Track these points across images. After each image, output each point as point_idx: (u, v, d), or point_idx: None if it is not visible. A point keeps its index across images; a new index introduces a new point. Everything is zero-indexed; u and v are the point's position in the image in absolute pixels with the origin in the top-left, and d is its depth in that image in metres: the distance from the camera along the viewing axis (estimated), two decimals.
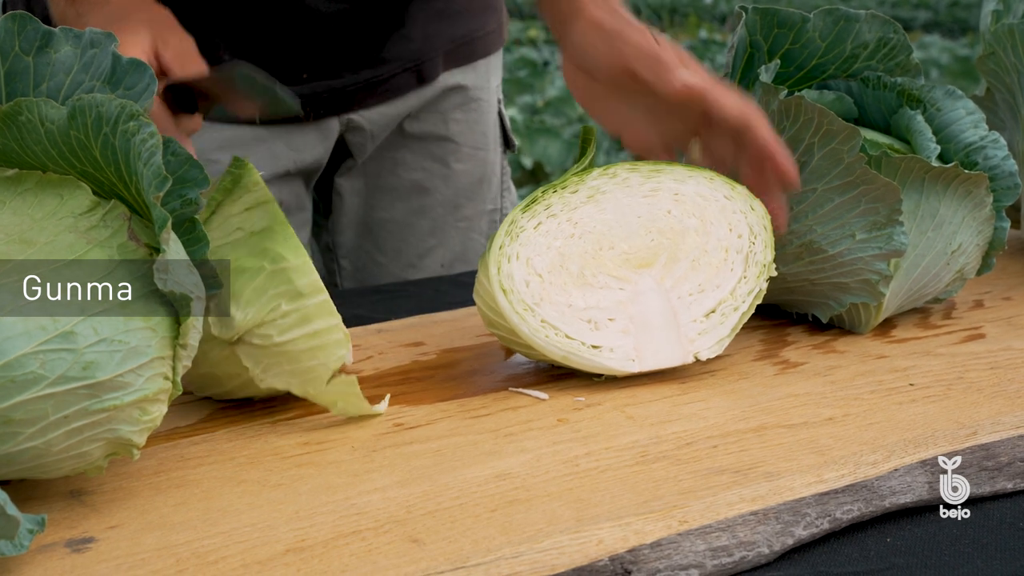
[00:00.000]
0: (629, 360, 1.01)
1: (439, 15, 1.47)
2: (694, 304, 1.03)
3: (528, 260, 1.01)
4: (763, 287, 1.05)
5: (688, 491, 0.84)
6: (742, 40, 1.20)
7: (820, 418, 0.96)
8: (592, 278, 1.02)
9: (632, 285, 1.02)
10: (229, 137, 1.39)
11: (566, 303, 1.01)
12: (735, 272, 1.05)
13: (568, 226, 1.03)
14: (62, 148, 0.84)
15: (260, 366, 0.94)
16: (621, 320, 1.01)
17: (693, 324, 1.03)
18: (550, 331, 1.00)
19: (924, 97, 1.19)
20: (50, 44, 0.87)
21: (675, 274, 1.03)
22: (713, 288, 1.04)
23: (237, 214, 0.96)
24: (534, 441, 0.92)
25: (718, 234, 1.05)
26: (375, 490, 0.84)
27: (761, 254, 1.06)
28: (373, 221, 1.55)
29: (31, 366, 0.74)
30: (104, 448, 0.79)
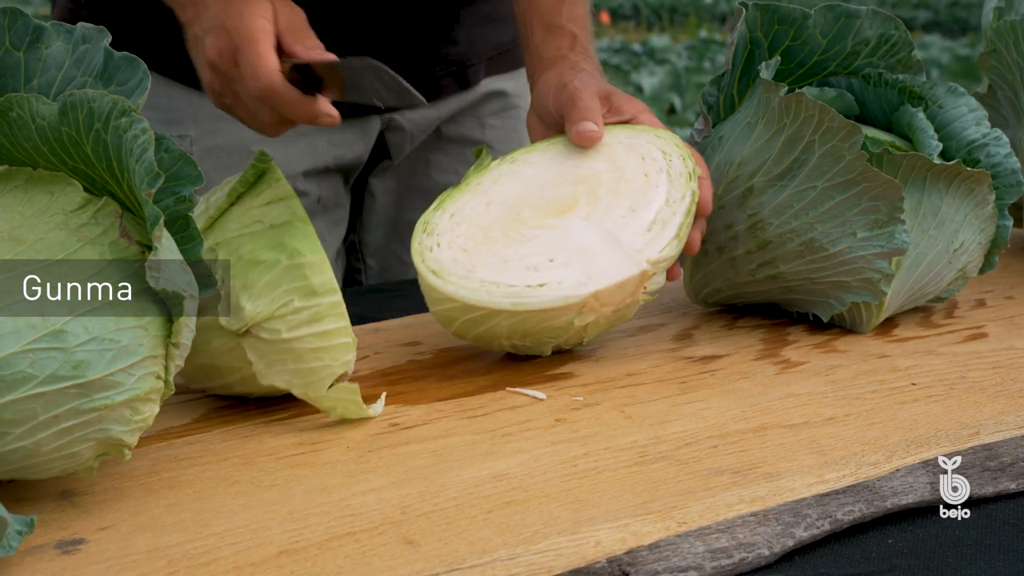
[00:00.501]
0: (580, 284, 1.00)
1: (485, 20, 1.48)
2: (630, 223, 1.04)
3: (450, 243, 1.02)
4: (695, 189, 1.05)
5: (687, 492, 0.83)
6: (742, 37, 1.18)
7: (821, 418, 0.95)
8: (518, 234, 1.03)
9: (560, 228, 1.03)
10: None
11: (500, 260, 1.01)
12: (661, 188, 1.06)
13: (481, 207, 1.05)
14: (53, 144, 0.83)
15: (264, 361, 0.93)
16: (560, 256, 1.02)
17: (636, 238, 1.03)
18: (491, 287, 1.00)
19: (926, 94, 1.18)
20: (41, 39, 0.86)
21: (600, 207, 1.05)
22: (645, 206, 1.04)
23: (258, 207, 0.95)
24: (532, 441, 0.91)
25: (631, 166, 1.07)
26: (370, 491, 0.83)
27: (681, 165, 1.07)
28: (402, 222, 1.55)
29: (20, 365, 0.73)
30: (95, 448, 0.78)
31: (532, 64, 1.21)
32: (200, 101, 1.38)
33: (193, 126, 1.40)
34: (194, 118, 1.39)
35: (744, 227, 1.13)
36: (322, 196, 1.45)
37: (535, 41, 1.21)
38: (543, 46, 1.20)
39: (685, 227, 1.04)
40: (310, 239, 0.93)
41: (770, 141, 1.11)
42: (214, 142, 1.39)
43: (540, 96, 1.17)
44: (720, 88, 1.20)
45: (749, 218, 1.13)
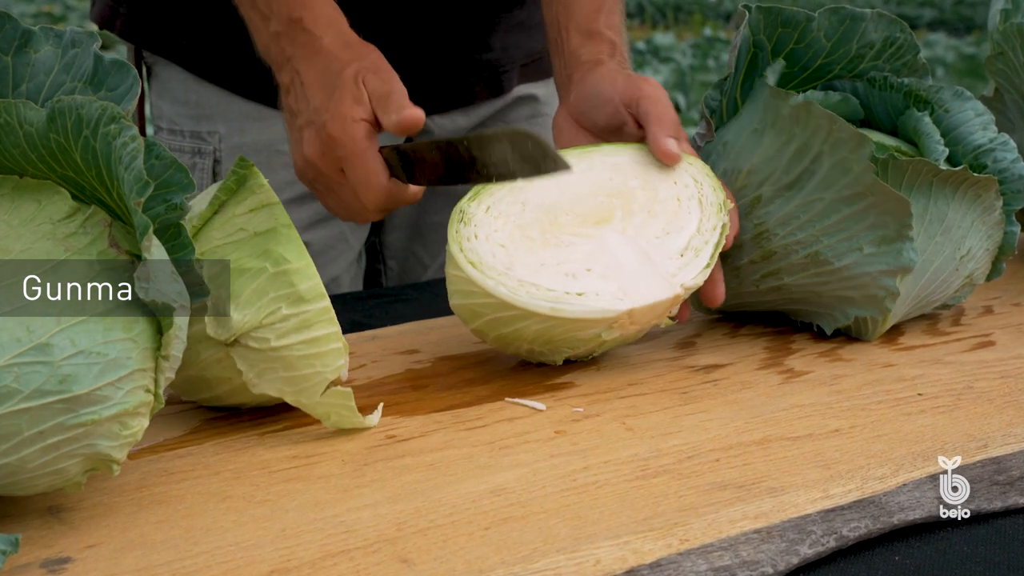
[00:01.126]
0: (618, 299, 0.99)
1: (519, 27, 1.47)
2: (663, 245, 1.02)
3: (488, 236, 1.00)
4: (725, 220, 1.05)
5: (689, 507, 0.81)
6: (745, 40, 1.16)
7: (826, 430, 0.93)
8: (555, 239, 1.01)
9: (597, 239, 1.02)
10: None
11: (538, 263, 1.00)
12: (694, 215, 1.04)
13: (517, 206, 1.03)
14: (41, 151, 0.81)
15: (254, 370, 0.91)
16: (598, 268, 1.00)
17: (669, 261, 1.02)
18: (531, 287, 0.98)
19: (932, 98, 1.16)
20: (30, 43, 0.84)
21: (635, 223, 1.03)
22: (677, 231, 1.03)
23: (241, 215, 0.93)
24: (531, 454, 0.89)
25: (664, 188, 1.05)
26: (365, 507, 0.81)
27: (712, 195, 1.06)
28: (424, 224, 1.54)
29: (4, 380, 0.71)
30: (82, 464, 0.76)
31: (567, 66, 1.19)
32: (229, 98, 1.38)
33: (222, 123, 1.39)
34: (224, 115, 1.39)
35: (750, 236, 1.11)
36: None
37: (571, 45, 1.19)
38: (581, 50, 1.18)
39: (714, 258, 1.03)
40: (295, 245, 0.91)
41: (780, 151, 1.09)
42: (242, 140, 1.39)
43: (587, 93, 1.14)
44: (723, 92, 1.18)
45: (755, 227, 1.11)
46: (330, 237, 1.44)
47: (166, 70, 1.41)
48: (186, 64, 1.39)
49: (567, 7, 1.21)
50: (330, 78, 1.10)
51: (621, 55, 1.18)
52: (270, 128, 1.38)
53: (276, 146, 1.38)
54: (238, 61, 1.37)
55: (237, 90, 1.38)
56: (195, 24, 1.37)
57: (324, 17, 1.13)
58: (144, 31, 1.39)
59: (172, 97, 1.41)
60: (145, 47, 1.41)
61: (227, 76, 1.38)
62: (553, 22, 1.22)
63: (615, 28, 1.19)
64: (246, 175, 0.95)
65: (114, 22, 1.41)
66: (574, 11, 1.20)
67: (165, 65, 1.41)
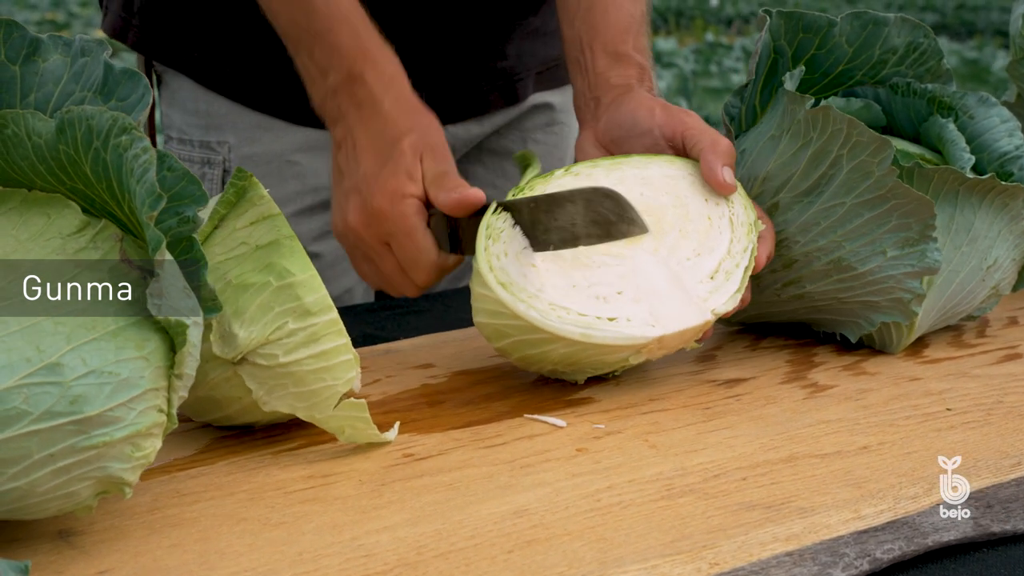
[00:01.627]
0: (649, 326, 0.96)
1: (535, 34, 1.44)
2: (694, 267, 1.00)
3: (518, 255, 0.97)
4: (755, 242, 1.02)
5: (718, 529, 0.79)
6: (766, 45, 1.14)
7: (854, 447, 0.91)
8: (587, 259, 0.99)
9: (628, 260, 0.99)
10: (310, 140, 1.37)
11: (569, 284, 0.97)
12: (724, 235, 1.02)
13: None
14: (50, 163, 0.79)
15: (264, 388, 0.89)
16: (629, 291, 0.97)
17: (700, 285, 0.99)
18: (561, 312, 0.95)
19: (956, 104, 1.14)
20: (38, 52, 0.82)
21: (666, 244, 1.01)
22: (708, 252, 1.01)
23: (242, 228, 0.91)
24: (552, 473, 0.87)
25: (695, 205, 1.03)
26: (384, 529, 0.79)
27: (743, 215, 1.03)
28: None
29: (14, 401, 0.69)
30: (94, 487, 0.74)
31: (595, 88, 1.15)
32: (240, 109, 1.37)
33: (233, 133, 1.37)
34: (234, 126, 1.37)
35: None
36: None
37: (598, 67, 1.15)
38: (609, 72, 1.15)
39: (745, 282, 1.01)
40: (299, 257, 0.89)
41: (796, 156, 1.07)
42: (253, 150, 1.37)
43: (621, 121, 1.11)
44: (743, 99, 1.16)
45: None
46: (340, 249, 1.41)
47: (176, 79, 1.39)
48: (197, 76, 1.37)
49: (592, 26, 1.17)
50: (384, 145, 1.07)
51: (649, 80, 1.15)
52: (281, 138, 1.36)
53: (287, 156, 1.36)
54: (249, 74, 1.36)
55: (248, 102, 1.36)
56: (207, 37, 1.36)
57: (387, 75, 1.11)
58: (156, 43, 1.38)
59: (182, 107, 1.39)
60: (157, 59, 1.39)
61: (238, 88, 1.37)
62: (575, 40, 1.19)
63: (643, 51, 1.17)
64: (245, 187, 0.92)
65: (126, 34, 1.39)
66: (601, 31, 1.16)
67: (175, 75, 1.39)
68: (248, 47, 1.35)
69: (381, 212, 1.05)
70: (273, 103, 1.36)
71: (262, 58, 1.34)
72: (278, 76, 1.34)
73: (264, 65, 1.34)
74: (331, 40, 1.11)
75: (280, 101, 1.36)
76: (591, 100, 1.16)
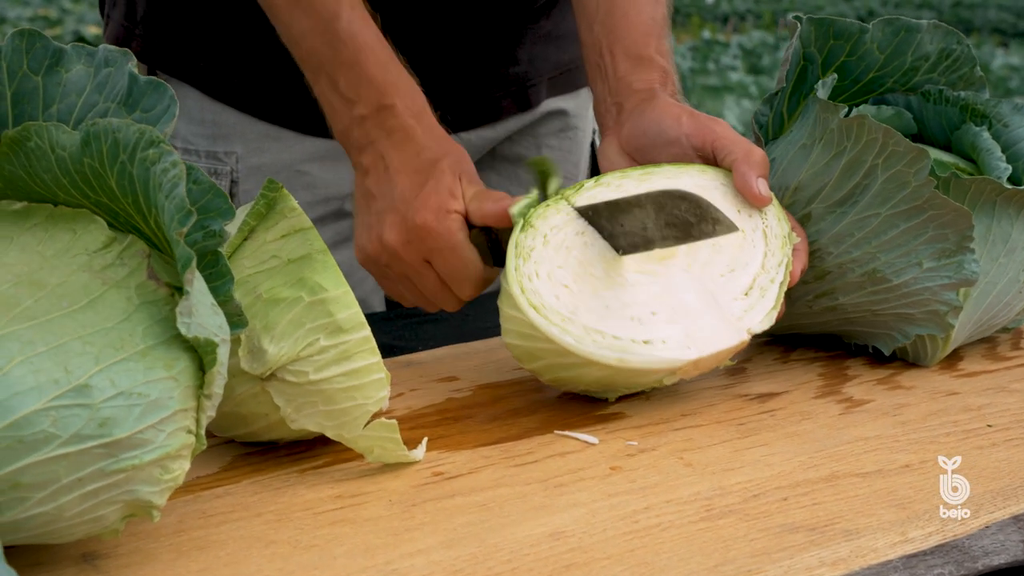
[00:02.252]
0: (685, 348, 0.94)
1: (547, 38, 1.41)
2: (729, 284, 0.98)
3: (550, 274, 0.95)
4: (789, 255, 1.00)
5: (762, 552, 0.77)
6: (796, 52, 1.12)
7: (895, 465, 0.89)
8: (620, 277, 0.96)
9: (663, 277, 0.96)
10: (319, 149, 1.35)
11: (603, 305, 0.94)
12: (758, 248, 1.00)
13: (577, 237, 0.97)
14: (74, 177, 0.77)
15: (292, 405, 0.87)
16: (664, 311, 0.95)
17: (735, 303, 0.97)
18: (596, 336, 0.92)
19: (990, 112, 1.11)
20: (61, 62, 0.80)
21: (700, 259, 0.98)
22: (743, 267, 0.99)
23: (273, 241, 0.89)
24: (587, 493, 0.85)
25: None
26: (418, 552, 0.77)
27: (777, 227, 1.01)
28: None
29: (42, 424, 0.67)
30: (121, 511, 0.72)
31: (616, 93, 1.13)
32: (248, 119, 1.34)
33: (240, 143, 1.34)
34: (242, 135, 1.34)
35: None
36: None
37: (620, 71, 1.13)
38: (631, 77, 1.12)
39: (780, 299, 0.98)
40: (331, 272, 0.87)
41: (829, 165, 1.05)
42: (260, 160, 1.34)
43: (646, 129, 1.08)
44: (772, 107, 1.14)
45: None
46: (355, 258, 1.39)
47: (181, 89, 1.36)
48: (202, 86, 1.34)
49: (612, 30, 1.14)
50: (422, 167, 1.06)
51: (673, 84, 1.12)
52: (289, 148, 1.34)
53: (295, 166, 1.34)
54: (256, 84, 1.33)
55: (255, 112, 1.34)
56: (212, 46, 1.33)
57: (416, 107, 1.10)
58: (160, 53, 1.35)
59: (187, 116, 1.36)
60: (161, 69, 1.36)
61: (244, 98, 1.34)
62: (595, 45, 1.16)
63: (665, 54, 1.14)
64: (275, 199, 0.90)
65: (129, 43, 1.36)
66: (621, 35, 1.14)
67: (180, 84, 1.36)
68: (254, 57, 1.32)
69: (425, 228, 1.04)
70: (281, 113, 1.34)
71: (269, 68, 1.31)
72: (285, 86, 1.32)
73: (271, 75, 1.32)
74: (358, 72, 1.09)
75: (288, 111, 1.33)
76: (612, 106, 1.14)
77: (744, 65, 10.99)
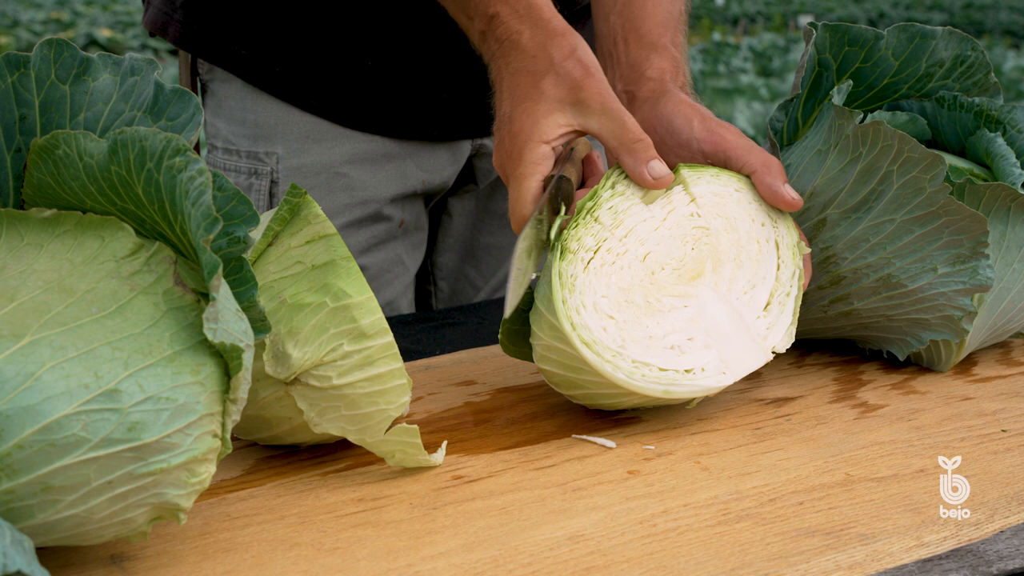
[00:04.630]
0: (720, 374, 0.95)
1: None
2: (752, 301, 0.99)
3: (595, 305, 0.94)
4: (800, 266, 1.01)
5: (778, 556, 0.78)
6: (811, 59, 1.13)
7: (910, 470, 0.90)
8: (657, 303, 0.96)
9: (694, 299, 0.97)
10: (359, 151, 1.35)
11: (646, 336, 0.95)
12: (771, 259, 1.01)
13: (612, 256, 0.97)
14: (102, 184, 0.78)
15: (316, 409, 0.88)
16: (699, 337, 0.96)
17: (758, 321, 0.98)
18: (644, 369, 0.93)
19: (1004, 118, 1.12)
20: (88, 71, 0.81)
21: (725, 276, 0.99)
22: (761, 281, 1.00)
23: (297, 247, 0.90)
24: (605, 497, 0.86)
25: (745, 227, 1.01)
26: (439, 555, 0.78)
27: (788, 236, 1.02)
28: (477, 245, 1.50)
29: (73, 428, 0.68)
30: (149, 513, 0.73)
31: (626, 78, 1.12)
32: (289, 118, 1.34)
33: (281, 144, 1.35)
34: (283, 136, 1.35)
35: (815, 261, 1.07)
36: (404, 220, 1.41)
37: (632, 56, 1.13)
38: (643, 63, 1.11)
39: (797, 312, 1.00)
40: (355, 278, 0.88)
41: (844, 171, 1.05)
42: (301, 161, 1.35)
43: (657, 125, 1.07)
44: (787, 113, 1.15)
45: (821, 252, 1.07)
46: (387, 260, 1.40)
47: (223, 87, 1.36)
48: (244, 74, 1.34)
49: (629, 19, 1.15)
50: (523, 86, 1.03)
51: (683, 75, 1.13)
52: (330, 149, 1.34)
53: (335, 168, 1.34)
54: (298, 71, 1.33)
55: (297, 102, 1.34)
56: (254, 32, 1.32)
57: (522, 6, 1.06)
58: (200, 39, 1.35)
59: (229, 116, 1.36)
60: (201, 55, 1.36)
61: (287, 87, 1.34)
62: (610, 35, 1.16)
63: (679, 46, 1.14)
64: (299, 204, 0.91)
65: (168, 29, 1.35)
66: (637, 23, 1.14)
67: (222, 82, 1.36)
68: (296, 42, 1.32)
69: (512, 149, 1.01)
70: (323, 102, 1.33)
71: (310, 54, 1.31)
72: (327, 72, 1.31)
73: (313, 61, 1.32)
74: None
75: (330, 100, 1.33)
76: (623, 93, 1.13)
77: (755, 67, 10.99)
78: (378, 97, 1.34)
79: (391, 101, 1.35)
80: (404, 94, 1.35)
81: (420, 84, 1.34)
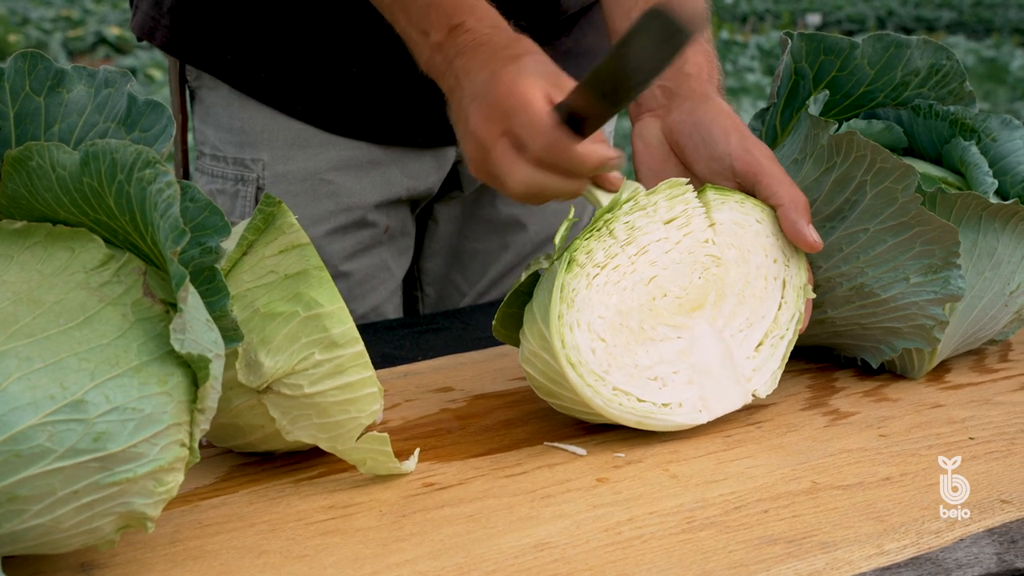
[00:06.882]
0: (697, 412, 0.97)
1: (567, 55, 1.39)
2: (745, 340, 1.00)
3: (589, 325, 0.94)
4: (801, 310, 1.01)
5: (740, 564, 0.79)
6: (787, 68, 1.14)
7: (876, 478, 0.91)
8: (651, 331, 0.97)
9: (688, 331, 0.98)
10: (345, 157, 1.36)
11: (632, 364, 0.95)
12: (774, 299, 1.01)
13: (618, 275, 0.96)
14: (74, 195, 0.79)
15: (288, 417, 0.89)
16: (684, 371, 0.97)
17: (747, 361, 0.99)
18: (623, 398, 0.95)
19: (979, 127, 1.13)
20: (62, 83, 0.82)
21: (724, 312, 0.99)
22: (759, 320, 1.00)
23: (271, 256, 0.91)
24: (573, 504, 0.87)
25: (756, 262, 1.01)
26: (405, 563, 0.79)
27: (796, 277, 1.02)
28: (464, 250, 1.51)
29: (38, 439, 0.69)
30: (116, 522, 0.74)
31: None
32: (275, 124, 1.36)
33: (267, 150, 1.36)
34: (269, 143, 1.36)
35: None
36: (390, 226, 1.41)
37: None
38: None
39: (785, 359, 1.01)
40: (327, 288, 0.89)
41: (819, 180, 1.06)
42: (286, 168, 1.36)
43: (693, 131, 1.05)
44: (764, 122, 1.16)
45: None
46: (372, 266, 1.41)
47: (210, 93, 1.37)
48: (230, 80, 1.35)
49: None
50: (498, 60, 1.01)
51: (717, 72, 1.11)
52: (315, 156, 1.35)
53: (321, 175, 1.35)
54: (284, 76, 1.34)
55: (283, 108, 1.35)
56: (240, 37, 1.33)
57: (487, 18, 1.06)
58: (186, 44, 1.36)
59: (216, 122, 1.37)
60: (187, 60, 1.37)
61: (273, 92, 1.35)
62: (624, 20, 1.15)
63: (709, 39, 1.12)
64: (274, 213, 0.92)
65: (155, 34, 1.36)
66: None
67: (209, 88, 1.37)
68: (282, 48, 1.33)
69: (499, 95, 0.97)
70: (308, 108, 1.34)
71: (297, 60, 1.32)
72: (313, 79, 1.32)
73: (299, 67, 1.33)
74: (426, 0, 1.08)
75: (316, 106, 1.34)
76: (657, 88, 1.10)
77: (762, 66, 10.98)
78: (363, 103, 1.35)
79: (376, 107, 1.36)
80: (389, 100, 1.36)
81: (405, 91, 1.35)
